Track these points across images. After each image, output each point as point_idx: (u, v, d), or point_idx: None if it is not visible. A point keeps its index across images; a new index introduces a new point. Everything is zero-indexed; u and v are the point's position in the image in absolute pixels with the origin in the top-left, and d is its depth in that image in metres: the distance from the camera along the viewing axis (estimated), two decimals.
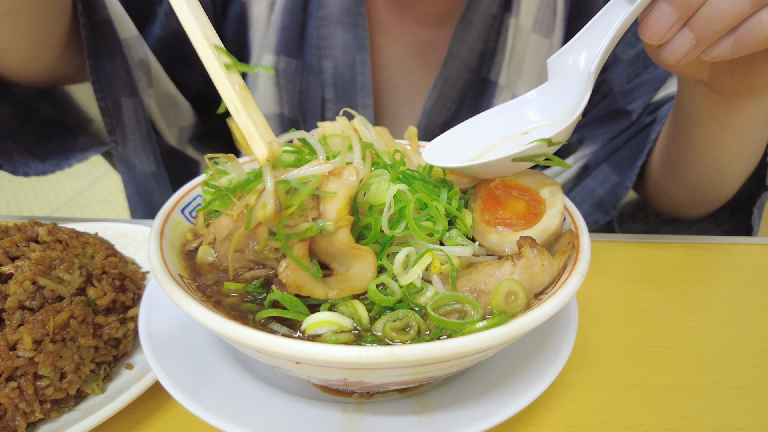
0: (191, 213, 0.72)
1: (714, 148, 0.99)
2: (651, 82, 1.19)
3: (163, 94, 1.25)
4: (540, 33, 1.22)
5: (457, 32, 1.20)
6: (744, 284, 0.94)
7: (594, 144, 1.27)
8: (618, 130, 1.23)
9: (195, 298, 0.53)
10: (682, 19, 0.63)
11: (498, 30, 1.22)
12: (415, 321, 0.54)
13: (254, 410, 0.58)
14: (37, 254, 0.70)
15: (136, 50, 1.15)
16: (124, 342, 0.73)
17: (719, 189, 1.09)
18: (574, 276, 0.56)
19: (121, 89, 1.12)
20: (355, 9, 1.19)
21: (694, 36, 0.63)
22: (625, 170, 1.17)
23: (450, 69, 1.23)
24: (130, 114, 1.14)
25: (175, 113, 1.30)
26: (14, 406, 0.62)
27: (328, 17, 1.20)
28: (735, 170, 1.05)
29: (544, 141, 0.61)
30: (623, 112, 1.21)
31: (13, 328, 0.64)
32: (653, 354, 0.78)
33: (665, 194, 1.17)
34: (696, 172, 1.05)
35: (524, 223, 0.64)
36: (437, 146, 0.72)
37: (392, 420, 0.58)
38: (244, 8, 1.24)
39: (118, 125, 1.14)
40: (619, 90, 1.21)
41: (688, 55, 0.64)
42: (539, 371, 0.62)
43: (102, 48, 1.08)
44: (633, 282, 0.94)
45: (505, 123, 0.72)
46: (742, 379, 0.74)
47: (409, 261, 0.59)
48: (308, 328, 0.53)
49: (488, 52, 1.24)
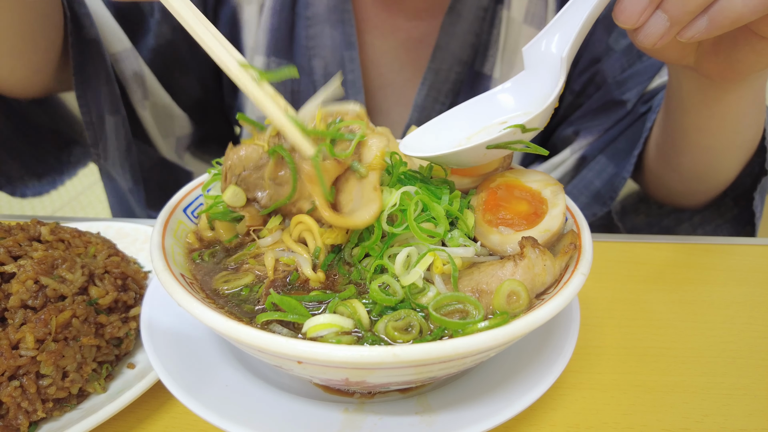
0: (193, 213, 0.73)
1: (706, 134, 0.99)
2: (645, 72, 1.19)
3: (159, 105, 1.26)
4: (532, 24, 1.22)
5: (444, 25, 1.19)
6: (746, 285, 0.94)
7: (590, 135, 1.27)
8: (613, 120, 1.23)
9: (197, 298, 0.53)
10: (654, 1, 0.63)
11: (491, 23, 1.22)
12: (417, 321, 0.54)
13: (256, 410, 0.58)
14: (40, 253, 0.70)
15: (129, 63, 1.16)
16: (126, 341, 0.73)
17: (715, 177, 1.09)
18: (576, 276, 0.56)
19: (105, 106, 1.13)
20: (341, 6, 1.19)
21: (667, 18, 0.63)
22: (622, 161, 1.18)
23: (440, 62, 1.23)
24: (111, 130, 1.16)
25: (171, 123, 1.31)
26: (16, 405, 0.62)
27: (315, 16, 1.21)
28: (729, 157, 1.05)
29: (518, 127, 0.61)
30: (618, 102, 1.21)
31: (15, 327, 0.64)
32: (655, 355, 0.78)
33: (662, 184, 1.18)
34: (690, 160, 1.06)
35: (526, 223, 0.64)
36: (415, 138, 0.72)
37: (394, 420, 0.58)
38: (235, 11, 1.24)
39: (101, 140, 1.15)
40: (612, 81, 1.21)
41: (664, 37, 0.64)
42: (541, 372, 0.61)
43: (89, 65, 1.09)
44: (635, 282, 0.94)
45: (483, 114, 0.72)
46: (744, 380, 0.74)
47: (410, 261, 0.59)
48: (309, 331, 0.53)
49: (481, 45, 1.24)
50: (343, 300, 0.56)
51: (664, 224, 1.26)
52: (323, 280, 0.61)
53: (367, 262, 0.61)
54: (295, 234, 0.64)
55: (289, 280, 0.60)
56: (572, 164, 1.29)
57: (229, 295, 0.60)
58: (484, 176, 0.73)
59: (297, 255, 0.62)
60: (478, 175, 0.74)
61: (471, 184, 0.73)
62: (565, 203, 0.66)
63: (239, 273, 0.63)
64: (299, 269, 0.61)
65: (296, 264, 0.61)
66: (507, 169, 0.75)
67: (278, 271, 0.61)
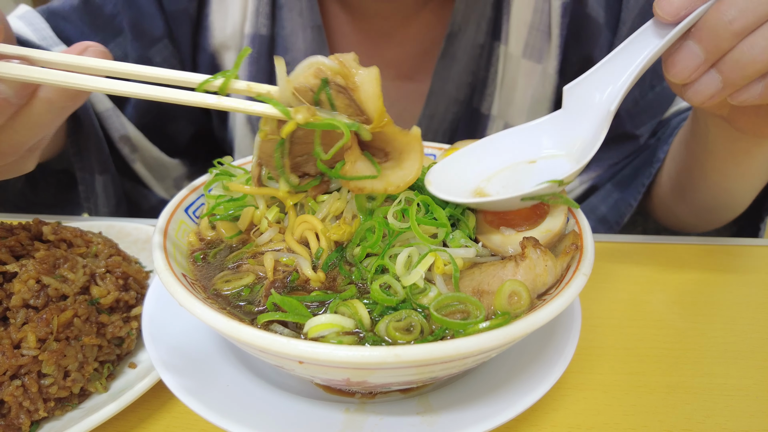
0: (195, 213, 0.73)
1: (727, 179, 0.96)
2: (658, 104, 1.16)
3: (148, 158, 1.29)
4: (531, 58, 1.16)
5: (438, 70, 1.16)
6: (748, 286, 0.94)
7: (599, 168, 1.24)
8: (624, 153, 1.20)
9: (198, 297, 0.53)
10: (709, 60, 0.60)
11: (488, 60, 1.18)
12: (418, 321, 0.54)
13: (257, 410, 0.58)
14: (42, 253, 0.71)
15: (112, 122, 1.19)
16: (128, 341, 0.73)
17: (729, 211, 1.08)
18: (577, 277, 0.56)
19: (95, 166, 1.16)
20: (319, 50, 1.16)
21: (721, 79, 0.60)
22: (627, 187, 1.15)
23: (434, 107, 1.20)
24: (101, 189, 1.19)
25: (165, 170, 1.34)
26: (18, 404, 0.62)
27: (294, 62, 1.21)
28: (746, 196, 1.03)
29: (555, 182, 0.60)
30: (630, 136, 1.18)
31: (17, 327, 0.64)
32: (657, 355, 0.78)
33: (673, 214, 1.16)
34: (707, 198, 1.03)
35: (528, 223, 0.64)
36: (440, 171, 0.69)
37: (395, 420, 0.57)
38: (213, 58, 1.23)
39: (92, 197, 1.19)
40: (625, 113, 1.18)
41: (714, 97, 0.61)
42: (542, 372, 0.61)
43: (79, 129, 1.11)
44: (636, 283, 0.94)
45: (513, 149, 0.70)
46: (746, 381, 0.73)
47: (411, 261, 0.59)
48: (310, 332, 0.53)
49: (479, 83, 1.20)
50: (344, 300, 0.56)
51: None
52: (323, 280, 0.61)
53: (368, 262, 0.61)
54: (298, 233, 0.64)
55: (289, 280, 0.60)
56: (580, 193, 1.28)
57: (230, 295, 0.60)
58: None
59: (297, 256, 0.62)
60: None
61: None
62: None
63: (240, 273, 0.63)
64: (299, 270, 0.61)
65: (296, 264, 0.61)
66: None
67: (278, 271, 0.61)
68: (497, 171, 0.69)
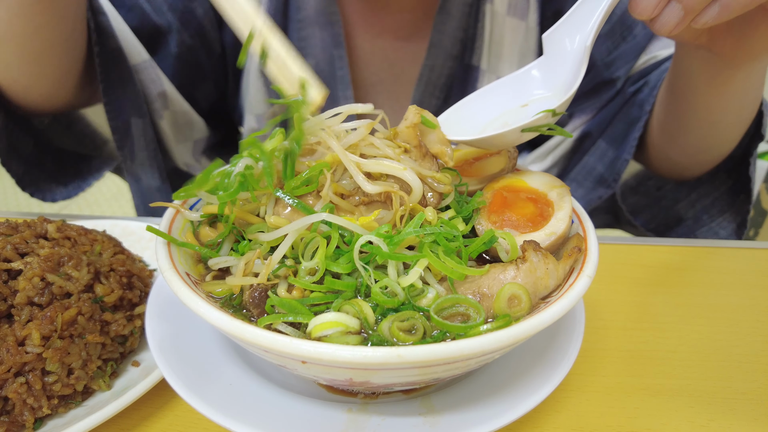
0: (199, 211, 0.73)
1: (714, 112, 1.03)
2: (631, 51, 1.24)
3: (179, 113, 1.32)
4: (515, 16, 1.29)
5: (436, 24, 1.26)
6: (752, 288, 0.93)
7: (584, 115, 1.33)
8: (605, 100, 1.29)
9: (202, 296, 0.53)
10: None
11: (476, 17, 1.29)
12: (421, 323, 0.54)
13: (259, 409, 0.58)
14: (46, 251, 0.71)
15: (148, 74, 1.22)
16: (131, 339, 0.74)
17: (720, 148, 1.14)
18: (581, 279, 0.56)
19: (131, 111, 1.19)
20: (329, 9, 1.26)
21: (681, 7, 0.66)
22: (621, 144, 1.23)
23: (434, 59, 1.29)
24: (138, 133, 1.23)
25: (189, 129, 1.38)
26: (22, 401, 0.63)
27: (306, 19, 1.29)
28: (734, 129, 1.09)
29: (549, 112, 0.65)
30: (608, 81, 1.27)
31: (21, 324, 0.64)
32: (660, 358, 0.77)
33: (668, 159, 1.22)
34: (697, 136, 1.10)
35: (531, 225, 0.64)
36: (448, 118, 0.76)
37: (397, 421, 0.57)
38: None
39: (127, 143, 1.22)
40: (601, 63, 1.27)
41: (679, 25, 0.68)
42: (545, 374, 0.61)
43: (114, 74, 1.15)
44: (640, 285, 0.94)
45: (507, 96, 0.76)
46: (749, 385, 0.73)
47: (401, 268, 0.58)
48: (314, 330, 0.52)
49: (469, 40, 1.30)
50: (347, 300, 0.56)
51: (662, 204, 1.31)
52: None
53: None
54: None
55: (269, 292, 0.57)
56: (570, 144, 1.36)
57: (223, 299, 0.59)
58: (489, 177, 0.73)
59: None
60: (484, 176, 0.74)
61: (477, 185, 0.73)
62: (572, 206, 0.66)
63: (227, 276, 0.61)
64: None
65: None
66: (512, 170, 0.74)
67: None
68: (494, 118, 0.75)
